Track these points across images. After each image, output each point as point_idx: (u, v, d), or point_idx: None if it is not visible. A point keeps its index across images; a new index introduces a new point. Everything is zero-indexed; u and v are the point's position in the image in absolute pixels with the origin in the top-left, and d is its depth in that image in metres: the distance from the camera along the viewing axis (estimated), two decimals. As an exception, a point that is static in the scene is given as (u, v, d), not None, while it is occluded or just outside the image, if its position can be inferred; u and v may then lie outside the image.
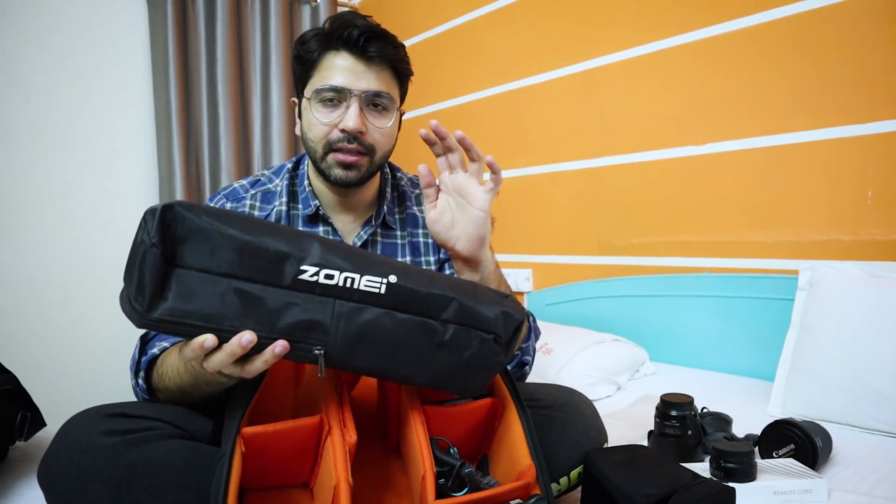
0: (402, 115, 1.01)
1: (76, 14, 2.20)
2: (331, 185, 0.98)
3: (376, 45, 0.91)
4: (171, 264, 0.60)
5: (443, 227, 0.84)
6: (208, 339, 0.60)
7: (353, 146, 0.93)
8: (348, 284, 0.63)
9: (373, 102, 0.94)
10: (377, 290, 0.64)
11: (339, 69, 0.92)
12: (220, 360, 0.61)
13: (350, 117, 0.91)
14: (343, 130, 0.92)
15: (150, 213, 0.58)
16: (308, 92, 0.95)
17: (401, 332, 0.65)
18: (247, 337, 0.60)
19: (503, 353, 0.70)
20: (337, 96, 0.92)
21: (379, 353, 0.65)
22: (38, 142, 2.14)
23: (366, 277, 0.64)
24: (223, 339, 0.60)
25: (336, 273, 0.63)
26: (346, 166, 0.94)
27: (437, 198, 0.84)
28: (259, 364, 0.63)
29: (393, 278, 0.65)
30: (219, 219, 0.61)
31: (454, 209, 0.84)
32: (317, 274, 0.62)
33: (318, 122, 0.93)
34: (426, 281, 0.67)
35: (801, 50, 1.52)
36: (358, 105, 0.92)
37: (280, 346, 0.62)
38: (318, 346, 0.63)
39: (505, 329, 0.69)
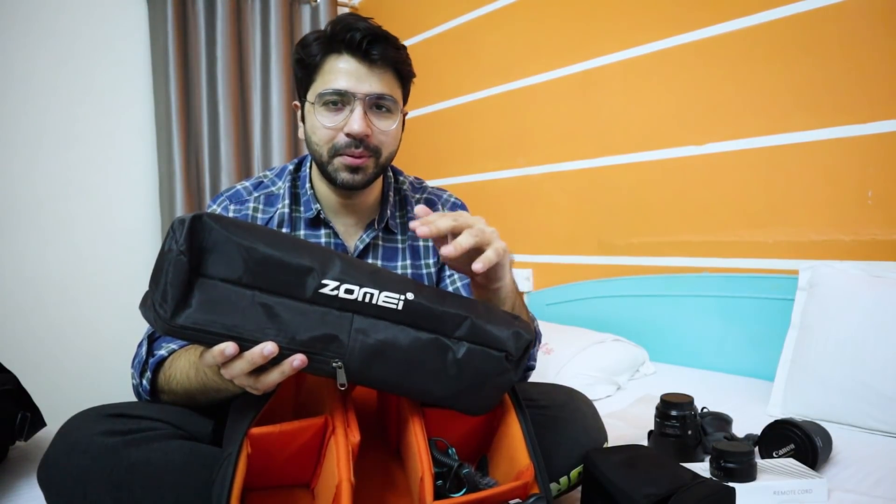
0: (405, 116, 1.01)
1: (76, 14, 2.20)
2: (335, 188, 0.98)
3: (378, 48, 0.91)
4: (197, 273, 0.61)
5: (458, 265, 0.77)
6: (229, 346, 0.60)
7: (359, 151, 0.92)
8: (367, 300, 0.65)
9: (376, 105, 0.93)
10: (395, 307, 0.66)
11: (342, 72, 0.91)
12: (240, 367, 0.62)
13: (354, 121, 0.90)
14: (348, 134, 0.91)
15: (178, 222, 0.60)
16: (311, 96, 0.94)
17: (415, 348, 0.66)
18: (269, 347, 0.61)
19: (513, 371, 0.71)
20: (340, 100, 0.91)
21: (394, 368, 0.67)
22: (37, 142, 2.14)
23: (384, 293, 0.65)
24: (244, 349, 0.61)
25: (356, 288, 0.65)
26: (353, 169, 0.93)
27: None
28: (275, 376, 0.63)
29: (410, 295, 0.66)
30: (245, 231, 0.63)
31: (470, 251, 0.76)
32: (337, 288, 0.64)
33: (322, 126, 0.92)
34: (440, 299, 0.69)
35: (801, 50, 1.52)
36: (362, 108, 0.91)
37: (298, 359, 0.62)
38: (336, 359, 0.64)
39: (516, 348, 0.70)
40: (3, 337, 2.05)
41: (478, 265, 0.70)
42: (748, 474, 0.90)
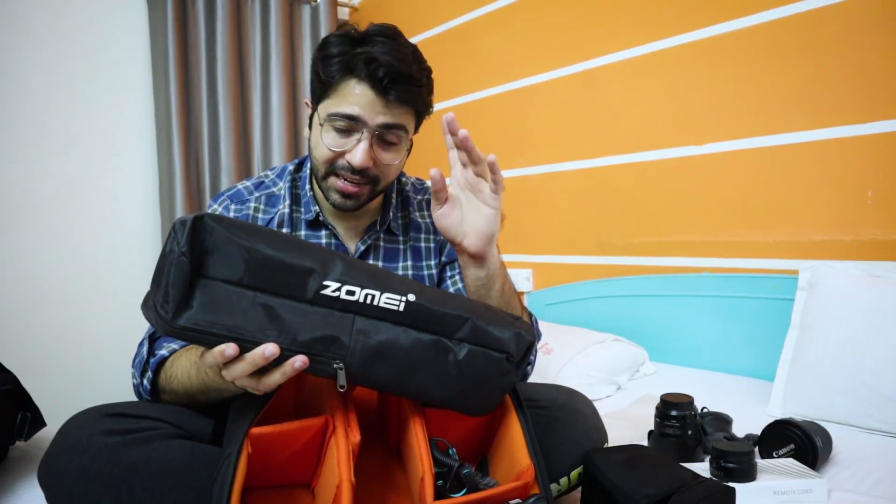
0: (411, 143, 0.98)
1: (76, 14, 2.20)
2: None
3: (398, 89, 0.87)
4: (198, 274, 0.61)
5: (452, 222, 0.83)
6: (229, 347, 0.60)
7: (357, 178, 0.91)
8: (368, 301, 0.65)
9: (385, 136, 0.91)
10: (396, 308, 0.66)
11: (356, 99, 0.88)
12: (241, 369, 0.62)
13: (358, 152, 0.89)
14: (349, 162, 0.90)
15: (180, 223, 0.60)
16: (322, 111, 0.92)
17: (416, 350, 0.66)
18: (270, 349, 0.61)
19: (514, 372, 0.71)
20: (349, 125, 0.89)
21: (395, 370, 0.67)
22: (38, 142, 2.14)
23: (385, 295, 0.65)
24: (245, 350, 0.61)
25: (357, 289, 0.64)
26: (346, 195, 0.93)
27: (446, 199, 0.83)
28: (277, 377, 0.63)
29: (412, 297, 0.66)
30: (246, 232, 0.63)
31: (464, 205, 0.83)
32: (338, 290, 0.64)
33: (326, 147, 0.91)
34: (441, 301, 0.69)
35: (801, 50, 1.52)
36: (369, 141, 0.89)
37: (300, 360, 0.62)
38: (337, 360, 0.64)
39: (517, 349, 0.70)
40: (3, 337, 2.05)
41: (494, 172, 0.79)
42: (748, 474, 0.90)
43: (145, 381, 0.84)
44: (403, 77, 0.87)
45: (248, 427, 0.66)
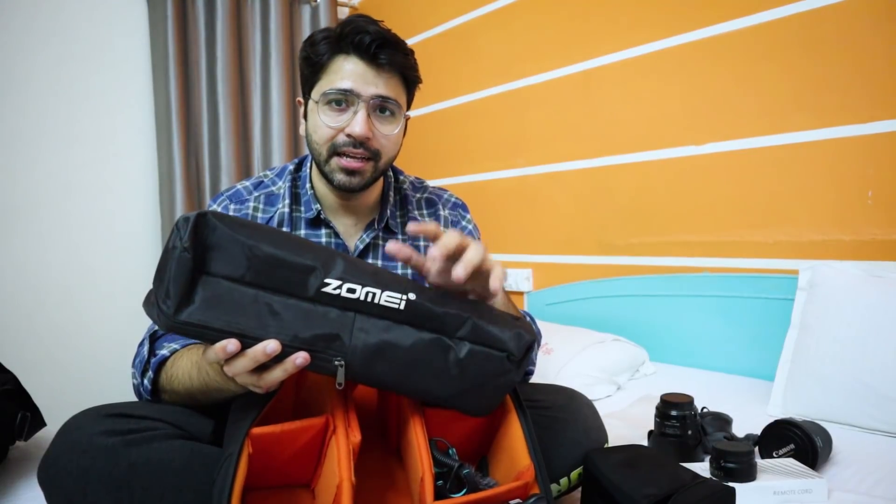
0: (407, 120, 1.01)
1: (76, 14, 2.20)
2: (333, 189, 0.98)
3: (387, 53, 0.91)
4: (200, 271, 0.62)
5: (443, 279, 0.73)
6: (231, 343, 0.60)
7: (359, 151, 0.92)
8: (369, 299, 0.65)
9: (380, 108, 0.93)
10: (396, 306, 0.66)
11: (349, 73, 0.91)
12: (243, 365, 0.62)
13: (357, 123, 0.90)
14: (349, 135, 0.91)
15: (183, 220, 0.60)
16: (315, 94, 0.94)
17: (417, 348, 0.67)
18: (272, 345, 0.61)
19: (515, 372, 0.71)
20: (345, 99, 0.91)
21: (395, 368, 0.67)
22: (37, 142, 2.15)
23: (386, 293, 0.65)
24: (246, 346, 0.61)
25: (358, 287, 0.65)
26: (350, 172, 0.93)
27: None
28: (278, 373, 0.63)
29: (412, 295, 0.66)
30: (249, 230, 0.64)
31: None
32: (339, 287, 0.64)
33: (325, 125, 0.92)
34: (442, 300, 0.69)
35: (801, 50, 1.52)
36: (365, 111, 0.91)
37: (301, 357, 0.62)
38: (338, 357, 0.64)
39: (517, 348, 0.70)
40: (3, 337, 2.05)
41: (495, 283, 0.70)
42: (748, 474, 0.90)
43: (146, 381, 0.84)
44: (390, 42, 0.91)
45: (249, 427, 0.66)
